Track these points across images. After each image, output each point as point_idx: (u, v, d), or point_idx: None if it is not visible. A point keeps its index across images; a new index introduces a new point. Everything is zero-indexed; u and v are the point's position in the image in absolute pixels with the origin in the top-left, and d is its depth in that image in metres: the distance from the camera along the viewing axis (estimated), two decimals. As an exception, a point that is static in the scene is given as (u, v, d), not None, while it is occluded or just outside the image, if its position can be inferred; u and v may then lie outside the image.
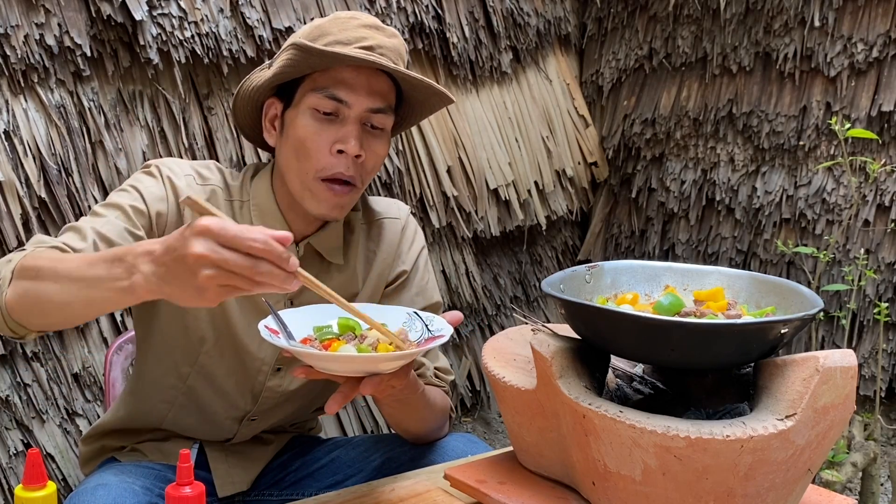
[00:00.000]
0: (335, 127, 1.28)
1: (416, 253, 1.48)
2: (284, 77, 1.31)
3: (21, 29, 2.17)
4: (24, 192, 2.17)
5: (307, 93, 1.29)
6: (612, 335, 1.02)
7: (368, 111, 1.29)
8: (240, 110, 1.41)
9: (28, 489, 0.89)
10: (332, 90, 1.27)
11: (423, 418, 1.36)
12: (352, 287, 1.41)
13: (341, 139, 1.27)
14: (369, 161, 1.31)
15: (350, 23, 1.32)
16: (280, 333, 1.12)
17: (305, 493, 1.45)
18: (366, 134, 1.30)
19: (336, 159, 1.27)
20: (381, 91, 1.30)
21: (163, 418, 1.42)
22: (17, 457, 2.14)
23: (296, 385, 1.41)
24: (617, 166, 3.85)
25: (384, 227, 1.46)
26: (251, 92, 1.36)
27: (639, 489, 0.95)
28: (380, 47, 1.29)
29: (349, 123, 1.28)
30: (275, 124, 1.35)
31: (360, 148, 1.27)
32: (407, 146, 3.09)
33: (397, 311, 1.23)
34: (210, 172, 1.37)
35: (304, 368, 1.08)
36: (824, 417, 0.93)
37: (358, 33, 1.30)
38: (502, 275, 3.56)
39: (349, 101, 1.27)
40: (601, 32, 3.87)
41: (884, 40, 3.05)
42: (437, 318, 1.18)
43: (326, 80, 1.28)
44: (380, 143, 1.32)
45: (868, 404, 2.95)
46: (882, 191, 3.04)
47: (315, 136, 1.28)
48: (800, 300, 1.05)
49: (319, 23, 1.34)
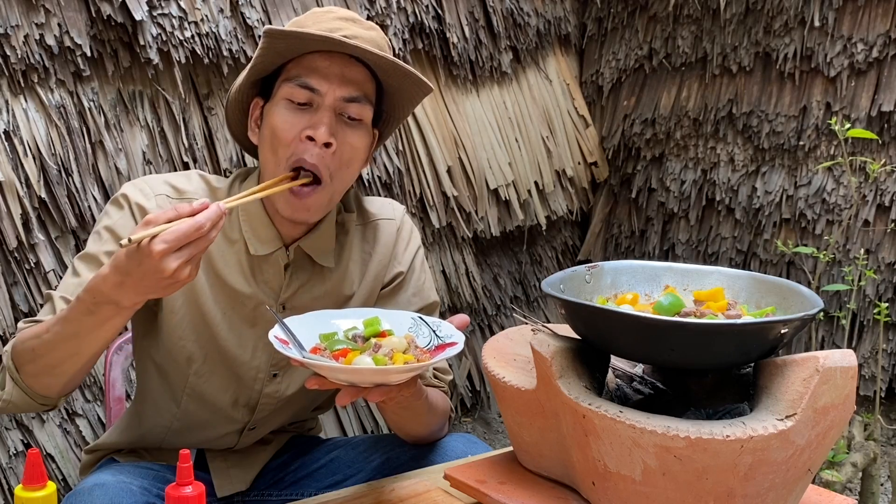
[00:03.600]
0: (308, 115, 1.25)
1: (413, 253, 1.46)
2: (260, 69, 1.30)
3: (21, 29, 2.17)
4: (24, 192, 2.17)
5: (281, 84, 1.28)
6: (612, 335, 1.02)
7: (342, 100, 1.26)
8: (231, 118, 1.39)
9: (28, 489, 0.89)
10: (304, 78, 1.25)
11: (426, 422, 1.35)
12: (346, 289, 1.40)
13: (311, 125, 1.24)
14: (343, 152, 1.27)
15: (326, 16, 1.30)
16: (290, 344, 1.10)
17: (305, 493, 1.45)
18: (341, 124, 1.27)
19: (304, 146, 1.24)
20: (355, 80, 1.27)
21: (162, 440, 1.42)
22: (17, 457, 2.14)
23: (293, 389, 1.41)
24: (617, 166, 3.85)
25: (379, 228, 1.44)
26: (236, 94, 1.35)
27: (639, 489, 0.95)
28: (356, 37, 1.26)
29: (322, 111, 1.25)
30: (258, 123, 1.33)
31: (329, 135, 1.23)
32: (407, 146, 3.09)
33: (401, 316, 1.20)
34: (189, 183, 1.34)
35: (317, 380, 1.06)
36: (824, 417, 0.93)
37: (333, 24, 1.28)
38: (502, 275, 3.56)
39: (321, 90, 1.25)
40: (601, 32, 3.87)
41: (884, 40, 3.05)
42: (444, 324, 1.16)
43: (299, 69, 1.26)
44: (356, 134, 1.28)
45: (868, 404, 2.95)
46: (882, 191, 3.04)
47: (286, 124, 1.25)
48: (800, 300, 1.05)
49: (296, 18, 1.33)
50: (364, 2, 2.87)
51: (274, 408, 1.42)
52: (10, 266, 2.15)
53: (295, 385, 1.40)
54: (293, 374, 1.39)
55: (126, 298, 1.07)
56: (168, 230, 1.01)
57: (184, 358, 1.35)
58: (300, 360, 1.04)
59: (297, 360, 1.05)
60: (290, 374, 1.39)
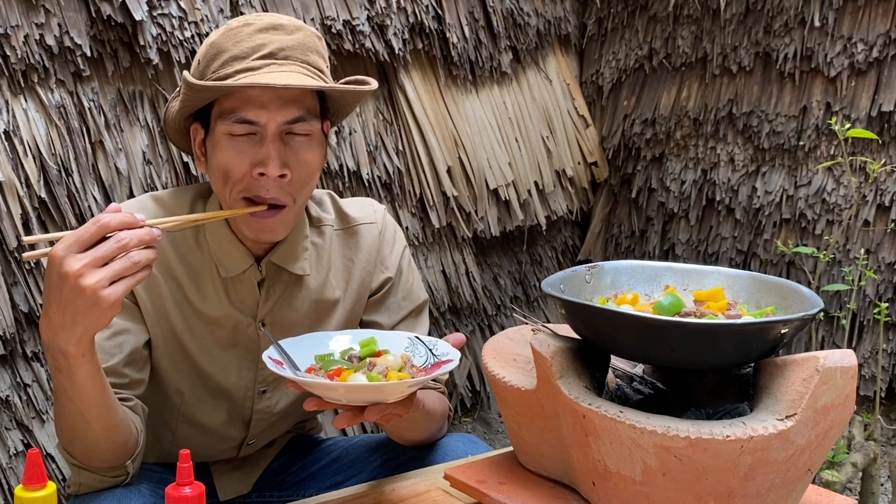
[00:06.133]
0: (255, 146, 1.19)
1: (399, 256, 1.44)
2: (190, 110, 1.25)
3: (21, 29, 2.17)
4: (24, 192, 2.17)
5: (217, 120, 1.21)
6: (612, 335, 1.02)
7: (285, 124, 1.19)
8: (172, 136, 1.35)
9: (28, 489, 0.89)
10: (240, 113, 1.18)
11: (424, 429, 1.35)
12: (328, 294, 1.37)
13: (262, 161, 1.18)
14: (300, 175, 1.22)
15: (243, 32, 1.21)
16: (284, 364, 1.09)
17: (306, 493, 1.45)
18: (289, 147, 1.21)
19: (258, 181, 1.19)
20: (294, 99, 1.19)
21: (164, 461, 1.43)
22: (17, 457, 2.14)
23: (284, 404, 1.40)
24: (617, 166, 3.85)
25: (360, 233, 1.41)
26: (170, 122, 1.31)
27: (639, 489, 0.95)
28: (281, 51, 1.20)
29: (267, 142, 1.18)
30: (202, 151, 1.28)
31: (281, 167, 1.18)
32: (407, 146, 3.09)
33: (398, 337, 1.20)
34: (144, 210, 1.25)
35: (315, 401, 1.04)
36: (824, 417, 0.93)
37: (253, 41, 1.20)
38: (502, 275, 3.56)
39: (261, 121, 1.18)
40: (601, 32, 3.87)
41: (884, 40, 3.05)
42: (440, 342, 1.15)
43: (232, 102, 1.19)
44: (308, 150, 1.23)
45: (868, 404, 2.95)
46: (882, 191, 3.04)
47: (234, 160, 1.19)
48: (800, 300, 1.05)
49: (214, 38, 1.24)
50: (364, 2, 2.87)
51: (268, 423, 1.41)
52: (10, 266, 2.15)
53: (286, 399, 1.39)
54: (282, 389, 1.38)
55: (63, 339, 0.99)
56: (75, 234, 0.95)
57: (173, 390, 1.34)
58: (294, 380, 1.03)
59: (291, 379, 1.03)
60: (280, 389, 1.38)
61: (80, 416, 1.09)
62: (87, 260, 0.94)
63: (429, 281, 3.12)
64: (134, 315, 1.27)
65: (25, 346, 2.16)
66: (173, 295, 1.29)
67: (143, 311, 1.28)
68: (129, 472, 1.21)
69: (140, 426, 1.22)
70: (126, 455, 1.19)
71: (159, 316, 1.29)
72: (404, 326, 1.42)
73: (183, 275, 1.29)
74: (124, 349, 1.24)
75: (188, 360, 1.32)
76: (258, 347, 1.32)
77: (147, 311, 1.28)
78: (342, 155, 2.82)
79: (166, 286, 1.29)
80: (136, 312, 1.27)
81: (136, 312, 1.27)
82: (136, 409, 1.24)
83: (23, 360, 2.18)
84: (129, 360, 1.25)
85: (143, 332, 1.28)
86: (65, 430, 1.14)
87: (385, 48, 2.93)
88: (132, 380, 1.25)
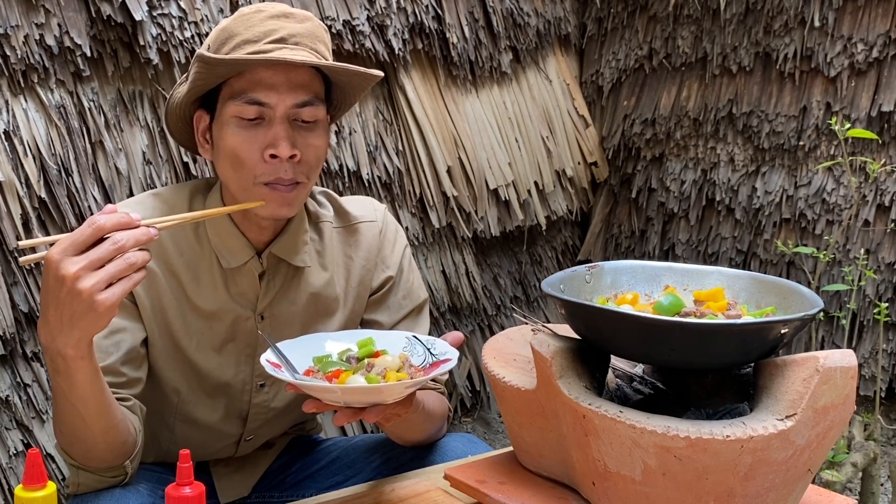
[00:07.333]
0: (263, 130, 1.21)
1: (400, 255, 1.44)
2: (199, 91, 1.25)
3: (21, 29, 2.17)
4: (24, 192, 2.17)
5: (227, 102, 1.22)
6: (612, 335, 1.02)
7: (294, 107, 1.22)
8: (173, 127, 1.35)
9: (28, 489, 0.89)
10: (250, 94, 1.20)
11: (424, 430, 1.35)
12: (329, 291, 1.38)
13: (272, 143, 1.20)
14: (308, 157, 1.24)
15: (255, 17, 1.24)
16: (282, 367, 1.09)
17: (306, 494, 1.45)
18: (297, 130, 1.23)
19: (271, 165, 1.21)
20: (303, 83, 1.22)
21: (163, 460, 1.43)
22: (17, 457, 2.14)
23: (281, 402, 1.40)
24: (617, 166, 3.85)
25: (361, 231, 1.41)
26: (176, 110, 1.31)
27: (639, 489, 0.95)
28: (292, 36, 1.22)
29: (276, 124, 1.21)
30: (207, 138, 1.29)
31: (292, 148, 1.20)
32: (407, 146, 3.09)
33: (396, 337, 1.20)
34: (142, 208, 1.28)
35: (314, 402, 1.04)
36: (824, 417, 0.93)
37: (265, 27, 1.22)
38: (502, 275, 3.56)
39: (271, 103, 1.20)
40: (601, 32, 3.87)
41: (884, 40, 3.05)
42: (438, 342, 1.16)
43: (243, 83, 1.20)
44: (315, 135, 1.25)
45: (868, 404, 2.95)
46: (882, 191, 3.04)
47: (245, 144, 1.21)
48: (800, 300, 1.05)
49: (225, 24, 1.26)
50: (364, 2, 2.87)
51: (265, 418, 1.41)
52: (9, 266, 2.15)
53: (284, 395, 1.39)
54: (280, 384, 1.38)
55: (62, 342, 0.99)
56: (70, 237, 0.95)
57: (171, 389, 1.35)
58: (292, 383, 1.03)
59: (289, 382, 1.04)
60: (278, 385, 1.38)
61: (78, 418, 1.10)
62: (83, 263, 0.94)
63: (429, 281, 3.12)
64: (131, 313, 1.27)
65: (25, 346, 2.16)
66: (172, 291, 1.30)
67: (141, 309, 1.28)
68: (128, 472, 1.21)
69: (138, 426, 1.22)
70: (125, 455, 1.19)
71: (157, 313, 1.29)
72: (405, 325, 1.42)
73: (182, 269, 1.30)
74: (122, 348, 1.24)
75: (184, 357, 1.32)
76: (257, 341, 1.32)
77: (145, 309, 1.28)
78: (342, 155, 2.82)
79: (165, 282, 1.29)
80: (134, 310, 1.28)
81: (134, 310, 1.28)
82: (135, 409, 1.24)
83: (23, 360, 2.18)
84: (127, 358, 1.25)
85: (141, 330, 1.28)
86: (63, 431, 1.15)
87: (385, 48, 2.93)
88: (130, 378, 1.25)
